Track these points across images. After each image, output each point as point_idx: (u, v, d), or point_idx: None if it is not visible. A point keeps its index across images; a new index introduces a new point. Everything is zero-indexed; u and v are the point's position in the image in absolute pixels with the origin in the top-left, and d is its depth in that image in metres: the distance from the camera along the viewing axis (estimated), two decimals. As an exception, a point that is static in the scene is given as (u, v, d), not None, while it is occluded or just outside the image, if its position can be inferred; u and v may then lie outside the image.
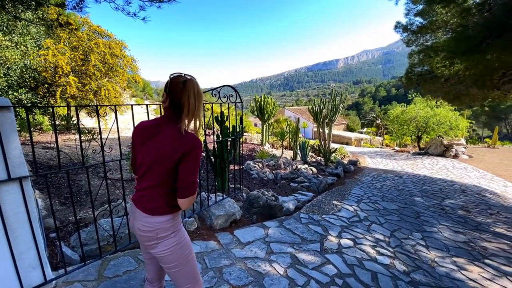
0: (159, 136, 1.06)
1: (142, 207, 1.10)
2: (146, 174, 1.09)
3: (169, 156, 1.02)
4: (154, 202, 1.09)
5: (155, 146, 1.05)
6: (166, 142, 1.03)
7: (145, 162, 1.08)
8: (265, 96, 10.16)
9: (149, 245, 1.11)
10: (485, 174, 8.24)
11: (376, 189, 5.68)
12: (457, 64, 5.37)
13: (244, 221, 3.10)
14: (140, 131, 1.13)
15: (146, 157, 1.08)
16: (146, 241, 1.11)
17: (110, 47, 6.05)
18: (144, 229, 1.09)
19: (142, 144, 1.10)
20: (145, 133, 1.10)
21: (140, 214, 1.11)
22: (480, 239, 3.35)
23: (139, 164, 1.12)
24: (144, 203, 1.10)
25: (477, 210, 4.72)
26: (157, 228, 1.08)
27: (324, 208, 3.84)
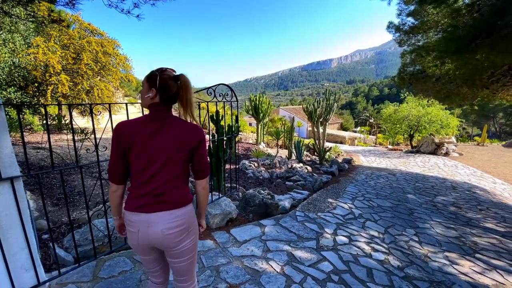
0: (169, 128, 1.07)
1: (166, 205, 1.07)
2: (163, 169, 1.06)
3: (188, 145, 1.09)
4: (182, 192, 1.11)
5: (170, 138, 1.06)
6: (182, 133, 1.08)
7: (158, 157, 1.05)
8: (260, 95, 10.17)
9: (177, 241, 1.09)
10: (475, 172, 8.45)
11: (370, 187, 5.76)
12: (448, 64, 5.48)
13: (241, 219, 3.10)
14: (134, 129, 1.05)
15: (160, 151, 1.05)
16: (175, 238, 1.08)
17: (102, 45, 5.94)
18: (174, 226, 1.07)
19: (148, 141, 1.05)
20: (145, 130, 1.05)
21: (162, 214, 1.06)
22: (471, 234, 3.43)
23: (148, 162, 1.05)
24: (168, 199, 1.07)
25: (468, 206, 4.84)
26: (189, 218, 1.13)
27: (320, 206, 3.87)
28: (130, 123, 1.07)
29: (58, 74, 5.27)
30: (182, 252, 1.12)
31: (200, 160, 1.15)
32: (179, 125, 1.09)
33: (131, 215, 1.08)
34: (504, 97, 6.70)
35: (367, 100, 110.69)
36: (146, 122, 1.07)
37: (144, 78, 1.11)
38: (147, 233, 1.06)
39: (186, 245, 1.12)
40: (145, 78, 1.10)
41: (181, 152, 1.08)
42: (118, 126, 1.07)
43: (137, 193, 1.07)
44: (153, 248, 1.13)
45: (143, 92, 1.11)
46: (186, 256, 1.15)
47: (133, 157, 1.07)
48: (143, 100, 1.11)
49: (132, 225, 1.08)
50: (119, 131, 1.05)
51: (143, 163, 1.06)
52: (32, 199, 2.67)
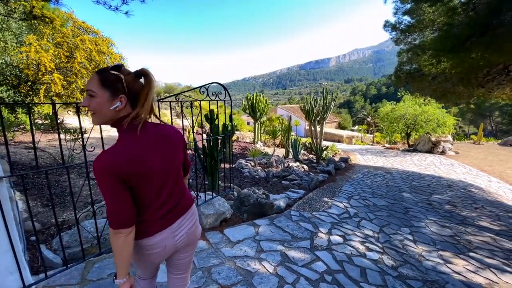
0: (158, 135, 0.98)
1: (184, 206, 1.08)
2: (175, 180, 1.03)
3: (180, 145, 1.08)
4: (185, 188, 1.15)
5: (166, 145, 0.99)
6: (171, 134, 1.04)
7: (168, 171, 0.99)
8: (257, 94, 10.13)
9: (197, 233, 1.15)
10: (470, 170, 8.49)
11: (366, 185, 5.76)
12: (444, 63, 5.48)
13: (235, 219, 3.07)
14: (133, 155, 0.87)
15: (166, 164, 0.98)
16: (196, 230, 1.13)
17: (96, 44, 5.86)
18: (193, 221, 1.11)
19: (151, 159, 0.92)
20: (143, 148, 0.91)
21: (185, 216, 1.07)
22: (465, 233, 3.44)
23: (163, 181, 0.97)
24: (183, 203, 1.08)
25: (463, 205, 4.86)
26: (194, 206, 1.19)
27: (315, 205, 3.86)
28: (121, 151, 0.86)
29: (51, 73, 5.20)
30: (196, 243, 1.17)
31: (186, 158, 1.19)
32: (161, 128, 1.01)
33: (153, 239, 0.97)
34: (500, 95, 6.72)
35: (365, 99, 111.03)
36: (136, 140, 0.90)
37: (94, 82, 0.84)
38: (174, 243, 1.03)
39: (199, 232, 1.17)
40: (98, 82, 0.84)
41: (179, 154, 1.05)
42: (122, 156, 0.85)
43: (156, 216, 0.97)
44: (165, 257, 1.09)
45: (100, 103, 0.84)
46: (195, 248, 1.19)
47: (143, 186, 0.91)
48: (104, 114, 0.87)
49: (156, 246, 0.98)
50: (115, 167, 0.83)
51: (157, 185, 0.95)
52: (22, 200, 2.62)
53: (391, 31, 7.17)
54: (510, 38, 3.56)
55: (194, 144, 3.87)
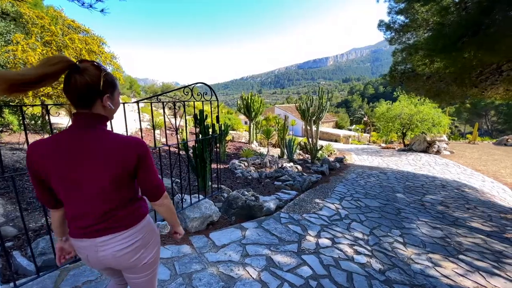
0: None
1: (116, 227, 1.01)
2: (87, 193, 0.98)
3: (112, 166, 0.98)
4: (128, 214, 1.06)
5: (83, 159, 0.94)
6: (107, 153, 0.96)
7: (78, 181, 0.95)
8: (252, 93, 10.06)
9: (134, 260, 1.03)
10: (465, 170, 8.50)
11: (359, 186, 5.72)
12: (437, 63, 5.46)
13: (223, 222, 3.01)
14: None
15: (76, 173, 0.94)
16: (131, 258, 1.03)
17: (86, 42, 5.76)
18: (126, 246, 1.02)
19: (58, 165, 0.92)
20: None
21: (114, 236, 1.00)
22: (456, 234, 3.41)
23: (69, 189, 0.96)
24: (115, 221, 1.01)
25: (456, 205, 4.84)
26: (145, 233, 1.08)
27: (306, 207, 3.81)
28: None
29: (39, 72, 5.10)
30: (140, 268, 1.03)
31: (147, 178, 1.00)
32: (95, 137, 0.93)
33: (74, 242, 0.97)
34: (493, 95, 6.72)
35: (362, 98, 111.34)
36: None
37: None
38: (97, 257, 0.95)
39: (147, 261, 1.03)
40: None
41: (109, 171, 0.94)
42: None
43: (71, 223, 0.98)
44: (108, 268, 1.04)
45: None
46: (145, 272, 1.05)
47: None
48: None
49: (78, 251, 0.99)
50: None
51: (62, 191, 0.97)
52: (0, 204, 2.54)
53: (385, 31, 7.14)
54: (502, 38, 3.53)
55: (184, 145, 3.81)
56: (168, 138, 9.20)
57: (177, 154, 3.50)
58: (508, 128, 32.98)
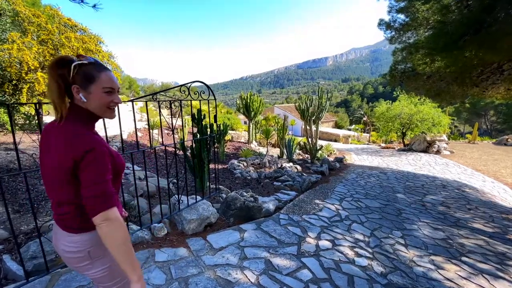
0: None
1: (58, 222, 1.01)
2: (47, 184, 0.98)
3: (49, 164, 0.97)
4: (67, 214, 1.03)
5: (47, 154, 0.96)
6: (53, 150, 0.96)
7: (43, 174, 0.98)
8: (251, 93, 10.00)
9: (78, 268, 0.98)
10: (465, 169, 8.46)
11: (360, 186, 5.67)
12: (438, 62, 5.41)
13: (221, 224, 2.95)
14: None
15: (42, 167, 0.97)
16: (74, 264, 0.99)
17: (83, 41, 5.69)
18: (69, 250, 0.99)
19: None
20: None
21: (56, 230, 1.01)
22: (458, 236, 3.36)
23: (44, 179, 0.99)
24: (59, 216, 1.01)
25: (457, 206, 4.79)
26: (90, 246, 1.02)
27: (305, 208, 3.75)
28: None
29: (35, 71, 5.01)
30: (94, 279, 0.97)
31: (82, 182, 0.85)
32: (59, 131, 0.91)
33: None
34: (494, 95, 6.68)
35: (362, 98, 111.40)
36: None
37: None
38: (56, 245, 0.97)
39: (94, 275, 0.95)
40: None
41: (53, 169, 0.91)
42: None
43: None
44: None
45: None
46: (101, 284, 0.98)
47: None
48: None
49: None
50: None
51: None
52: (-8, 206, 2.47)
53: (385, 30, 7.09)
54: (504, 36, 3.48)
55: (181, 145, 3.74)
56: (166, 138, 9.12)
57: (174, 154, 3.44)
58: (507, 127, 33.02)
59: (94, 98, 0.88)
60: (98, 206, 0.80)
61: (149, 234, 2.41)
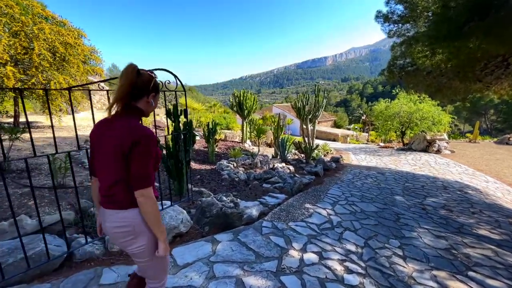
0: None
1: (112, 203, 1.14)
2: (104, 169, 1.17)
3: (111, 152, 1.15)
4: (120, 193, 1.16)
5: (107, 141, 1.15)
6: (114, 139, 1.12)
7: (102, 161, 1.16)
8: (244, 90, 9.63)
9: (123, 242, 1.11)
10: (466, 169, 8.12)
11: (355, 188, 5.32)
12: (439, 54, 5.05)
13: (193, 234, 2.59)
14: None
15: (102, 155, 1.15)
16: (120, 238, 1.11)
17: (60, 34, 5.32)
18: (120, 228, 1.10)
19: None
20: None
21: (109, 212, 1.13)
22: (463, 245, 3.00)
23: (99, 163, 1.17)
24: (112, 198, 1.14)
25: (460, 209, 4.44)
26: (136, 222, 1.12)
27: (294, 213, 3.39)
28: None
29: (4, 65, 4.65)
30: (133, 254, 1.13)
31: (132, 168, 1.05)
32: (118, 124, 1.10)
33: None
34: (498, 91, 6.32)
35: (361, 97, 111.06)
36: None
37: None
38: (104, 227, 1.15)
39: (136, 250, 1.11)
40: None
41: (112, 155, 1.08)
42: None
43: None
44: None
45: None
46: (138, 258, 1.15)
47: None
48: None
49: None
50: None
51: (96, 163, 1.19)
52: None
53: (383, 23, 6.73)
54: (513, 22, 3.13)
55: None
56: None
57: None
58: (507, 127, 32.73)
59: (154, 104, 1.18)
60: (140, 184, 1.01)
61: (101, 248, 2.05)
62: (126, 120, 1.06)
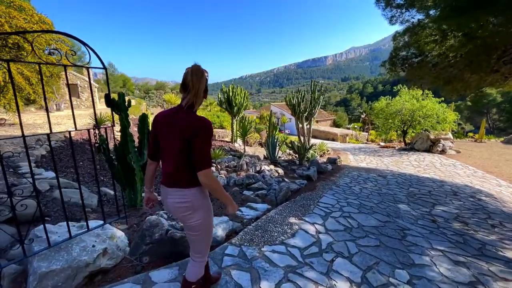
0: None
1: (176, 182, 1.34)
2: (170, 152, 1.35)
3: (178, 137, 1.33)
4: (183, 174, 1.35)
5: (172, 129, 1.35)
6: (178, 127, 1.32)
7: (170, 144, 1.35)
8: (233, 86, 8.90)
9: (183, 216, 1.31)
10: (475, 172, 7.40)
11: (353, 194, 4.60)
12: (450, 39, 4.34)
13: (123, 270, 1.86)
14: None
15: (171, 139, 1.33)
16: (182, 212, 1.32)
17: (10, 16, 4.58)
18: (182, 204, 1.32)
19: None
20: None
21: (174, 190, 1.33)
22: (491, 275, 2.29)
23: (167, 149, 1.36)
24: (176, 177, 1.35)
25: (476, 221, 3.72)
26: (195, 198, 1.34)
27: (272, 232, 2.67)
28: None
29: None
30: (188, 226, 1.33)
31: (194, 151, 1.22)
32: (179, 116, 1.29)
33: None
34: (516, 83, 5.59)
35: (361, 97, 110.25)
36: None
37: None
38: (166, 202, 1.36)
39: (193, 223, 1.31)
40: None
41: (177, 140, 1.25)
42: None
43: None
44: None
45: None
46: (193, 232, 1.35)
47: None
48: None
49: (162, 195, 1.40)
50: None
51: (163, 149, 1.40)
52: None
53: (384, 7, 5.99)
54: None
55: (101, 140, 2.64)
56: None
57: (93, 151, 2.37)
58: (510, 126, 32.04)
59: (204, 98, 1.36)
60: (202, 166, 1.21)
61: None
62: (188, 113, 1.24)
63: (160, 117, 1.30)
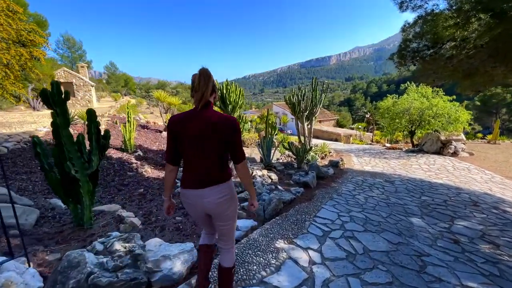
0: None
1: (214, 180, 1.42)
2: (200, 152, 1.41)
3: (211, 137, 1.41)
4: (220, 170, 1.45)
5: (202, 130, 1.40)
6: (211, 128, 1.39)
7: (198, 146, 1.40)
8: (227, 82, 8.29)
9: (224, 208, 1.42)
10: (493, 177, 6.67)
11: (357, 205, 3.95)
12: (473, 22, 3.67)
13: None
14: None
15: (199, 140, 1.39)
16: (223, 205, 1.42)
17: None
18: (223, 197, 1.40)
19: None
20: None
21: (212, 188, 1.38)
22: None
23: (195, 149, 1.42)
24: (213, 175, 1.44)
25: (507, 241, 3.05)
26: (231, 190, 1.48)
27: (250, 265, 2.03)
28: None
29: None
30: (225, 217, 1.42)
31: (235, 147, 1.38)
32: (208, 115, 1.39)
33: (184, 191, 1.42)
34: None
35: (365, 97, 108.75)
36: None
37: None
38: (202, 203, 1.37)
39: (230, 212, 1.42)
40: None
41: (210, 141, 1.34)
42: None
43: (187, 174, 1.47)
44: (207, 215, 1.44)
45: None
46: (228, 221, 1.45)
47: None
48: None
49: (189, 199, 1.42)
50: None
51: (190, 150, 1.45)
52: None
53: (393, -8, 5.33)
54: None
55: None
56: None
57: None
58: (520, 126, 30.90)
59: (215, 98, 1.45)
60: (241, 158, 1.37)
61: None
62: (212, 112, 1.32)
63: (180, 122, 1.31)
